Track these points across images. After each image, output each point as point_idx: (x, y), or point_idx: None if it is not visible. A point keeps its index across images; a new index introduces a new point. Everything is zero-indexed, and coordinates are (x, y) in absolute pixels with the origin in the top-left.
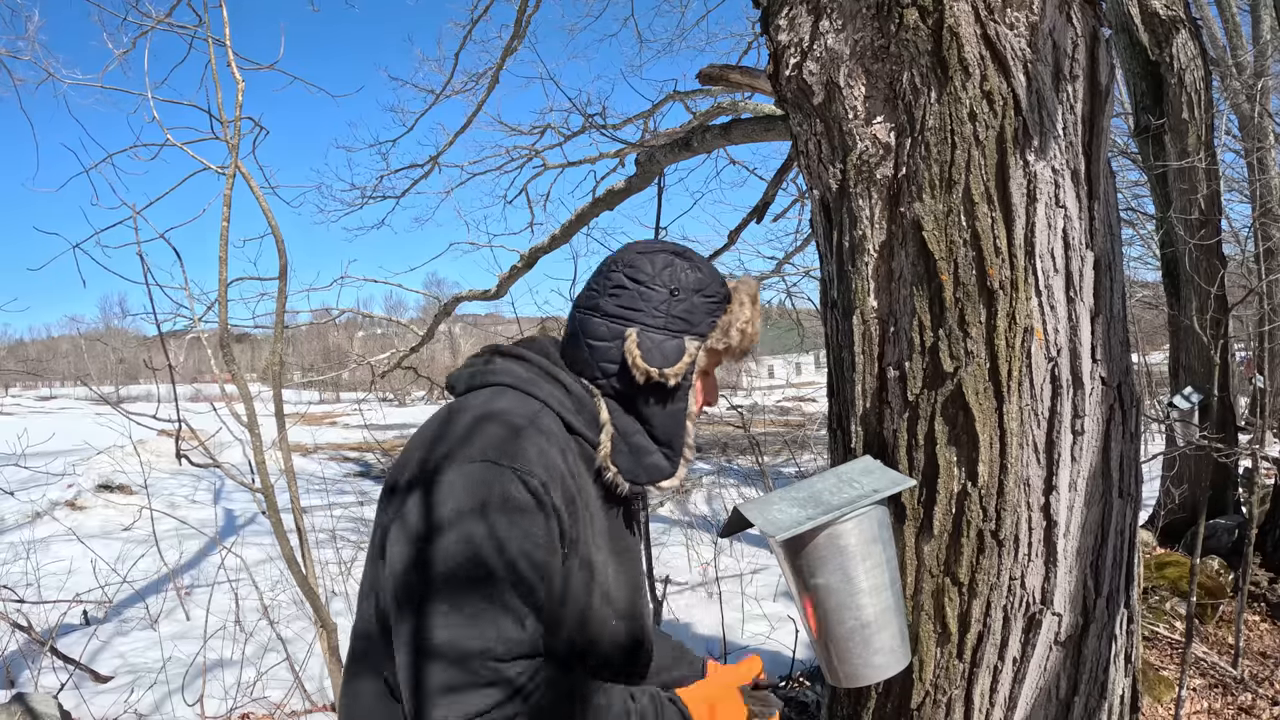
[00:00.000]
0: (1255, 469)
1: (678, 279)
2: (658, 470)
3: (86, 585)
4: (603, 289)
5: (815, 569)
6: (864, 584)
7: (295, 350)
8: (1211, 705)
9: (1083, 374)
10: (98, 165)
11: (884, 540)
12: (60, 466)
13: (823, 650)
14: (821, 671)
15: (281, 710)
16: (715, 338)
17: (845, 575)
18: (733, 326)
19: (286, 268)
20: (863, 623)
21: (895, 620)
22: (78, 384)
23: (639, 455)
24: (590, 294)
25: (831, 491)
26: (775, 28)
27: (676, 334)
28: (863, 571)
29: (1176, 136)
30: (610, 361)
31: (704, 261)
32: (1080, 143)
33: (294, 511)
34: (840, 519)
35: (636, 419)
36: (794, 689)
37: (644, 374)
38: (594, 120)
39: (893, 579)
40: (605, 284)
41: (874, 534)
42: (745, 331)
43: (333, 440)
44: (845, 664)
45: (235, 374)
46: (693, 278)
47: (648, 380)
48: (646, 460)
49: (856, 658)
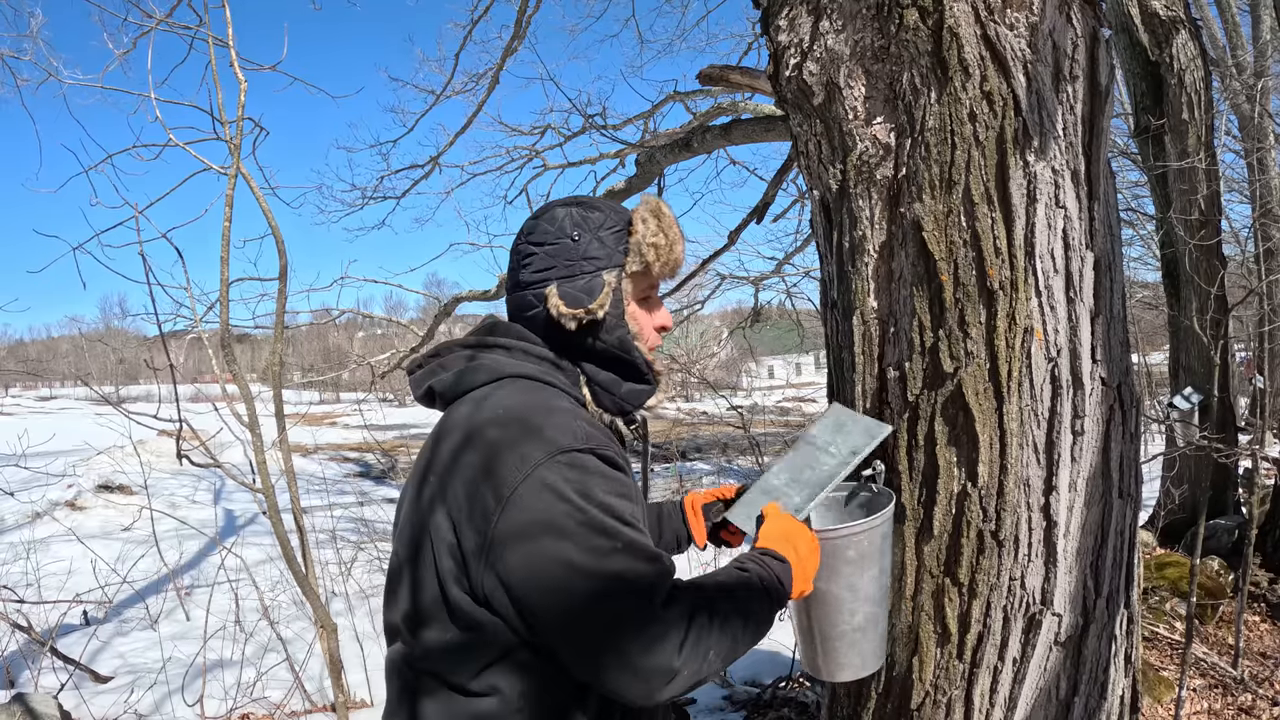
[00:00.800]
0: (1255, 469)
1: (575, 224)
2: (636, 394)
3: (86, 585)
4: (518, 265)
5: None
6: (860, 593)
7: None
8: (1211, 705)
9: (1083, 374)
10: (98, 165)
11: (883, 551)
12: (60, 467)
13: (808, 645)
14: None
15: (281, 710)
16: (631, 261)
17: (849, 584)
18: (642, 244)
19: (287, 268)
20: (853, 627)
21: (881, 626)
22: (78, 384)
23: (613, 390)
24: (511, 274)
25: (810, 466)
26: (775, 28)
27: (591, 274)
28: (863, 581)
29: (1176, 137)
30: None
31: (600, 200)
32: (1080, 143)
33: (294, 511)
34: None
35: (592, 362)
36: (794, 689)
37: (573, 319)
38: (594, 121)
39: (883, 589)
40: (518, 259)
41: (876, 546)
42: (656, 244)
43: (333, 440)
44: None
45: (236, 374)
46: (589, 217)
47: (581, 323)
48: (621, 391)
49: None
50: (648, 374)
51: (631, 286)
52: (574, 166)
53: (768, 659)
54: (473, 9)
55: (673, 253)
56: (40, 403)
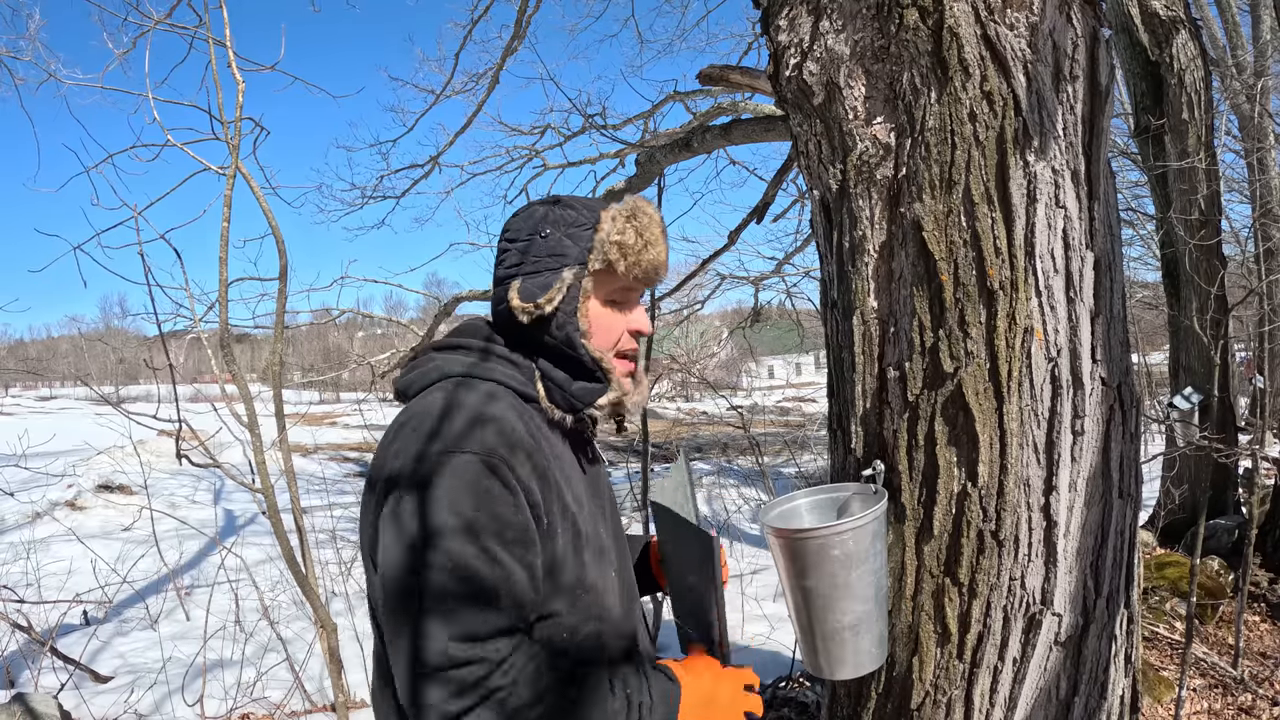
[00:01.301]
0: (1255, 469)
1: (545, 222)
2: (586, 392)
3: (86, 585)
4: (496, 261)
5: (807, 571)
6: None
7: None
8: (1211, 705)
9: (1083, 374)
10: (98, 165)
11: (874, 552)
12: (60, 467)
13: (804, 641)
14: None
15: (281, 710)
16: (594, 259)
17: (837, 583)
18: (605, 243)
19: (287, 268)
20: (845, 626)
21: (876, 626)
22: (78, 384)
23: (564, 386)
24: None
25: None
26: (775, 28)
27: (553, 270)
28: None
29: (1176, 137)
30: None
31: (581, 200)
32: (1080, 143)
33: (294, 511)
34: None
35: (545, 357)
36: (794, 689)
37: (523, 312)
38: (594, 120)
39: (879, 590)
40: (497, 255)
41: (865, 546)
42: (621, 243)
43: (333, 440)
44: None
45: (235, 374)
46: (559, 214)
47: (534, 318)
48: (572, 388)
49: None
50: (595, 371)
51: (593, 285)
52: (574, 166)
53: (768, 659)
54: (473, 9)
55: (644, 254)
56: (40, 403)
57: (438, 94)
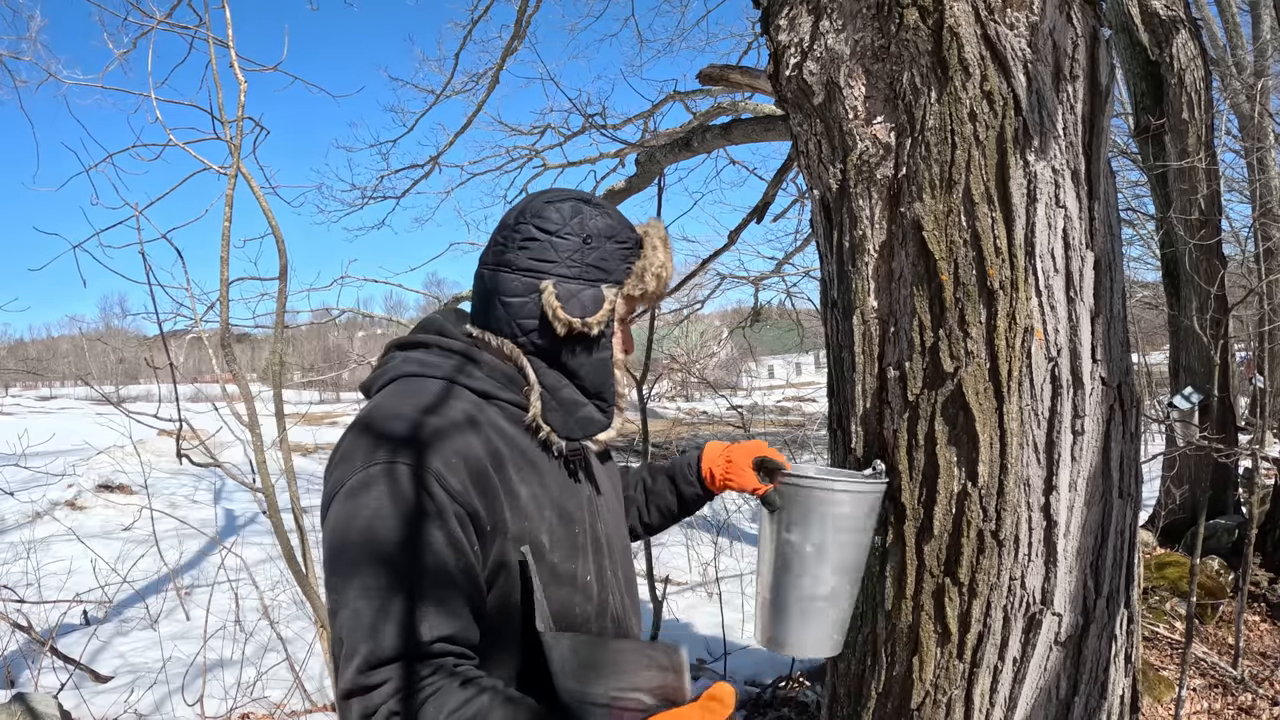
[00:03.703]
0: (1255, 469)
1: (588, 226)
2: (591, 423)
3: (86, 585)
4: (511, 243)
5: (795, 523)
6: (830, 557)
7: (295, 350)
8: (1211, 705)
9: (1083, 374)
10: (98, 165)
11: (864, 527)
12: (60, 466)
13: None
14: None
15: (281, 710)
16: (631, 284)
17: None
18: (647, 272)
19: (287, 268)
20: (816, 595)
21: (845, 607)
22: (78, 384)
23: (571, 410)
24: (498, 249)
25: None
26: (775, 28)
27: (593, 283)
28: (834, 545)
29: (1176, 136)
30: (529, 317)
31: (611, 207)
32: (1080, 143)
33: (294, 511)
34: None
35: (562, 373)
36: (794, 689)
37: (565, 325)
38: (594, 120)
39: (857, 569)
40: (514, 237)
41: (860, 518)
42: (660, 276)
43: (333, 440)
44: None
45: (236, 373)
46: (603, 224)
47: (569, 332)
48: (580, 414)
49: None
50: (610, 407)
51: (623, 307)
52: (574, 166)
53: (768, 659)
54: (473, 9)
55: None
56: (40, 402)
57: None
